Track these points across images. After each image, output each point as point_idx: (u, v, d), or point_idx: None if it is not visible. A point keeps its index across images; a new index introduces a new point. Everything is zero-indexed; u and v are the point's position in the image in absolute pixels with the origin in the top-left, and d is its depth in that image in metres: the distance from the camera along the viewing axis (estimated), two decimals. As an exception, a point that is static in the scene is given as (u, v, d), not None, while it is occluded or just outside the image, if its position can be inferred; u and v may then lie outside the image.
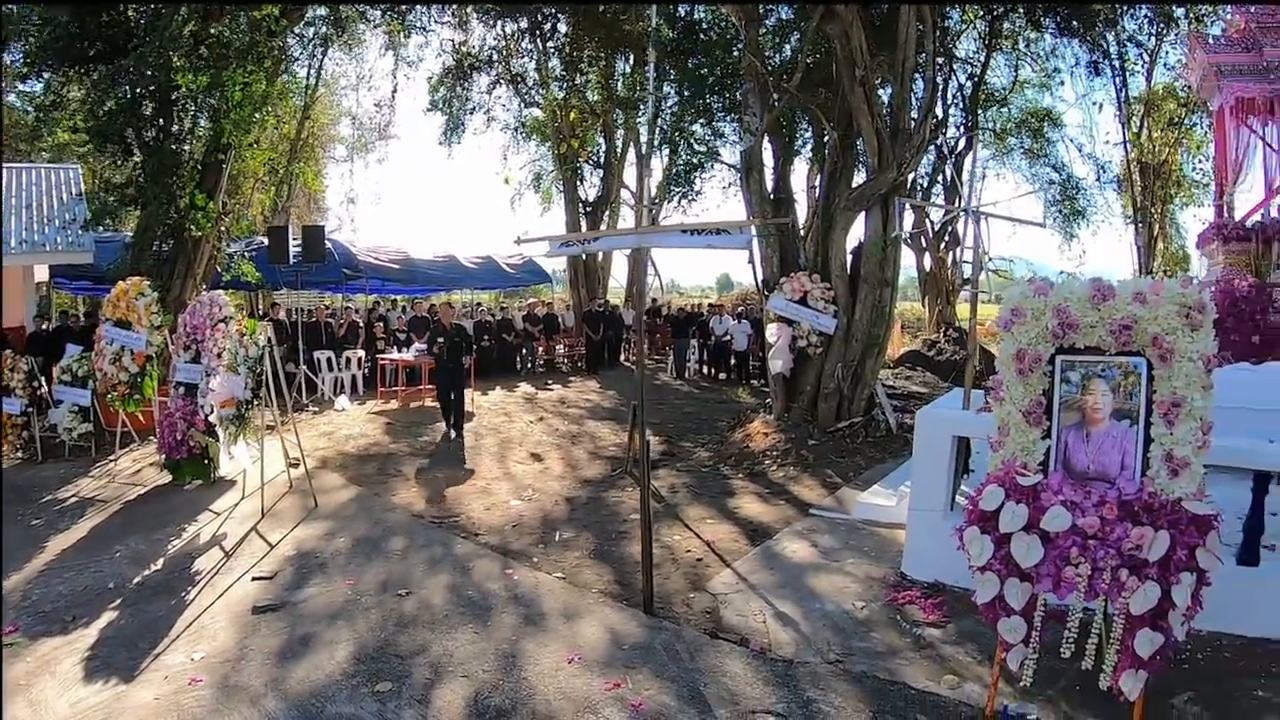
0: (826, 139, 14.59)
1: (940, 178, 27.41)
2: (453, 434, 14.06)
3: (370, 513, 10.11)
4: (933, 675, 6.02)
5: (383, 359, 18.56)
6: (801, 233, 15.30)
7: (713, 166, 18.70)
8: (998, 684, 5.68)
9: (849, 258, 14.57)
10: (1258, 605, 6.75)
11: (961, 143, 24.21)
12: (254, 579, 7.85)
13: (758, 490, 11.24)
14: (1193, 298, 5.19)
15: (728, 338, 22.82)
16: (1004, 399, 5.66)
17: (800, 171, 22.45)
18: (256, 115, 16.58)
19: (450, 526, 9.47)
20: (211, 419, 10.47)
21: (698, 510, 10.26)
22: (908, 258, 31.76)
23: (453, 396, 14.24)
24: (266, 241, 18.35)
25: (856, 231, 14.32)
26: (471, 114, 25.63)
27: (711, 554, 8.65)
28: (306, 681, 5.88)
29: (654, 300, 29.77)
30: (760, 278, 14.90)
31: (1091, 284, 5.41)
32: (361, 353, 19.23)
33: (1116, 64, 26.61)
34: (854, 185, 14.42)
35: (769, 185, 15.24)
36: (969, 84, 25.54)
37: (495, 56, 23.57)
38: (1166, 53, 26.74)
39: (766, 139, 15.37)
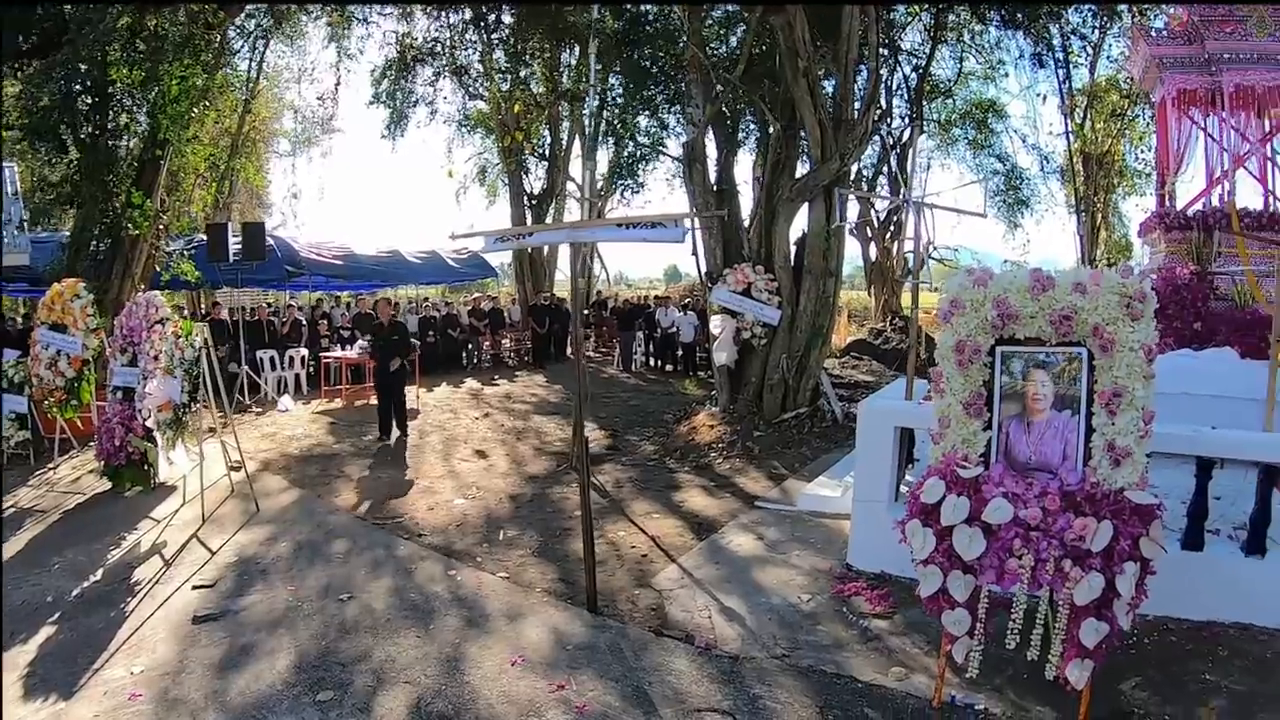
0: (770, 130, 14.52)
1: (885, 168, 27.54)
2: (394, 434, 13.75)
3: (313, 515, 9.88)
4: (880, 667, 6.00)
5: (326, 357, 18.27)
6: (745, 224, 15.16)
7: (657, 159, 18.59)
8: (944, 675, 5.65)
9: (792, 249, 14.60)
10: (1203, 589, 6.79)
11: (907, 134, 24.35)
12: (194, 588, 7.64)
13: (703, 483, 11.19)
14: (1133, 287, 5.16)
15: (674, 330, 22.80)
16: (944, 391, 5.61)
17: (745, 163, 22.44)
18: (195, 110, 16.20)
19: (393, 527, 9.31)
20: (149, 424, 10.16)
21: (643, 505, 10.21)
22: (854, 247, 32.14)
23: (392, 397, 13.88)
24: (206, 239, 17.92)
25: (800, 222, 14.36)
26: (414, 107, 25.30)
27: (657, 549, 8.59)
28: (247, 693, 5.73)
29: (599, 293, 29.62)
30: (704, 270, 14.80)
31: (1031, 274, 5.38)
32: (305, 351, 18.90)
33: (1060, 56, 26.81)
34: (797, 176, 14.42)
35: (712, 177, 15.21)
36: (914, 76, 25.66)
37: (439, 48, 23.22)
38: (1110, 46, 27.15)
39: (710, 131, 15.32)
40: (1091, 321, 5.16)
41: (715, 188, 14.90)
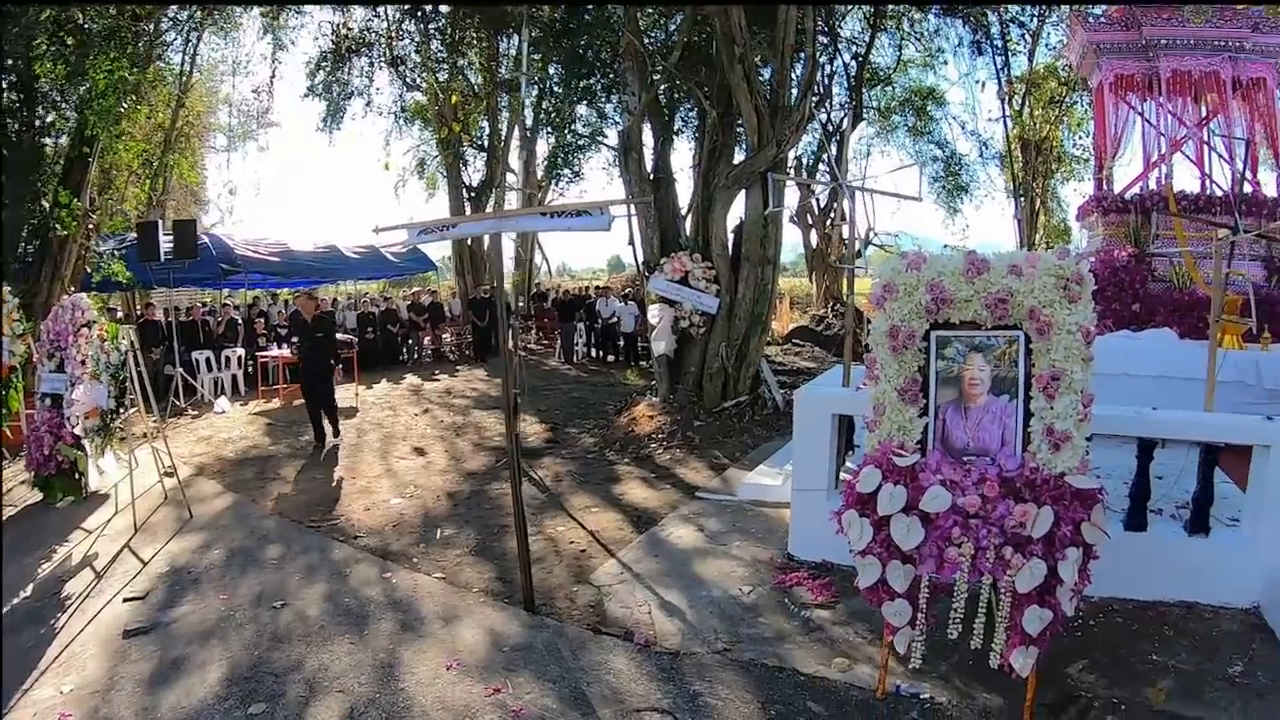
0: (706, 118, 14.33)
1: (825, 155, 27.42)
2: (328, 438, 13.13)
3: (247, 520, 9.55)
4: (823, 659, 5.90)
5: (263, 356, 17.82)
6: (683, 212, 14.98)
7: (595, 148, 18.36)
8: (888, 665, 5.57)
9: (730, 236, 14.43)
10: (1147, 570, 6.78)
11: (846, 121, 24.32)
12: (125, 600, 7.33)
13: (643, 475, 11.03)
14: (1070, 269, 5.06)
15: (615, 320, 22.63)
16: (879, 377, 5.48)
17: (684, 151, 22.23)
18: (124, 105, 15.66)
19: (329, 530, 9.04)
20: (78, 431, 9.79)
21: (582, 499, 10.02)
22: (795, 235, 32.19)
23: (319, 400, 13.17)
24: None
25: (738, 210, 14.00)
26: (350, 99, 24.81)
27: (596, 544, 8.43)
28: (179, 708, 5.51)
29: (539, 285, 29.31)
30: (641, 259, 14.60)
31: (966, 258, 5.26)
32: (241, 351, 18.42)
33: (999, 44, 26.95)
34: (735, 163, 14.25)
35: (648, 165, 14.99)
36: (854, 63, 25.61)
37: (375, 39, 22.79)
38: (1048, 34, 27.33)
39: (646, 119, 15.11)
40: (1028, 304, 5.05)
41: (651, 176, 14.68)
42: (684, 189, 15.88)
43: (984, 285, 5.15)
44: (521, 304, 27.70)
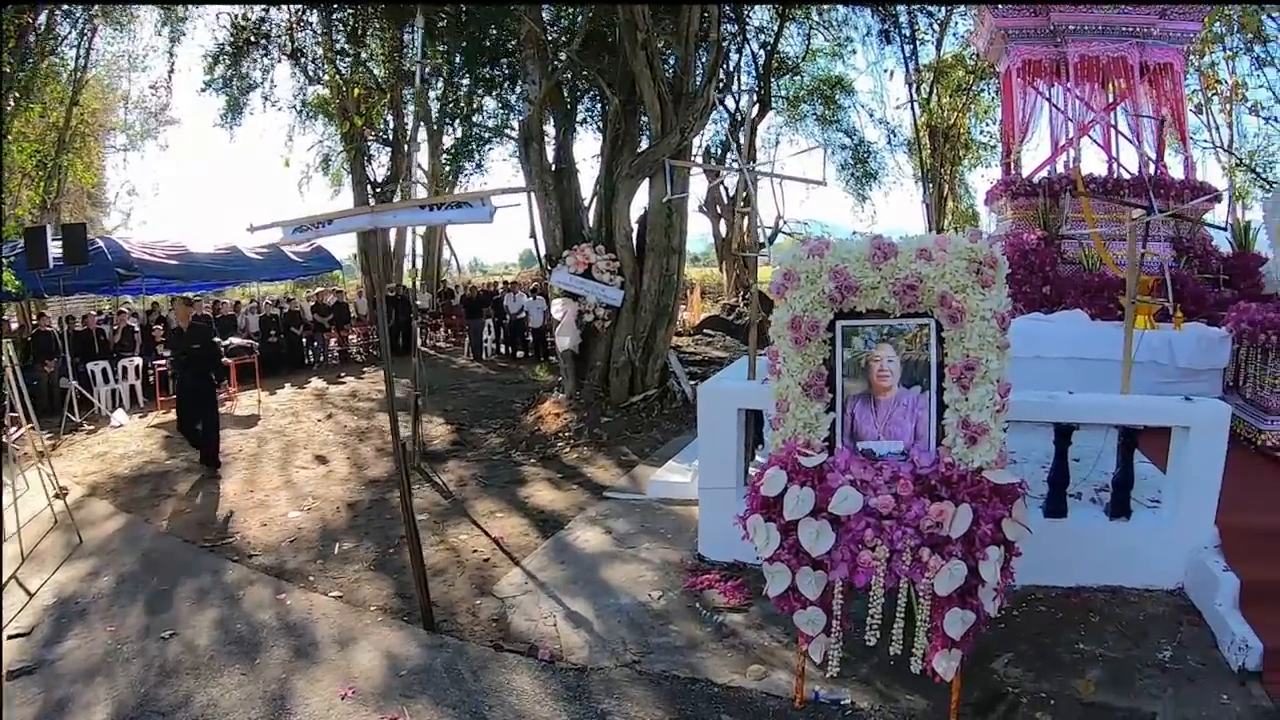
0: (609, 106, 13.84)
1: (735, 145, 27.02)
2: (206, 468, 11.42)
3: (139, 543, 8.81)
4: (737, 666, 5.62)
5: (162, 365, 16.79)
6: (586, 203, 14.42)
7: (500, 140, 17.75)
8: (805, 672, 5.23)
9: (634, 227, 13.96)
10: (1070, 556, 6.59)
11: (748, 107, 23.98)
12: (10, 637, 6.66)
13: (550, 475, 10.58)
14: (983, 252, 4.71)
15: (523, 315, 21.95)
16: (781, 371, 5.07)
17: (589, 141, 21.65)
18: (10, 104, 14.70)
19: (223, 549, 8.39)
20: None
21: (487, 503, 9.51)
22: (705, 224, 31.85)
23: (195, 418, 11.47)
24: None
25: (642, 200, 13.61)
26: (249, 94, 23.68)
27: (500, 552, 7.96)
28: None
29: (444, 282, 28.53)
30: (543, 252, 14.04)
31: (871, 242, 4.88)
32: (139, 360, 17.40)
33: (907, 33, 26.91)
34: (638, 152, 13.73)
35: (550, 156, 14.41)
36: (762, 52, 25.33)
37: (275, 31, 21.82)
38: (956, 22, 27.33)
39: (549, 108, 14.56)
40: (938, 290, 4.68)
41: (554, 167, 14.09)
42: (590, 179, 15.33)
43: (891, 271, 4.78)
44: (426, 301, 26.80)
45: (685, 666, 5.66)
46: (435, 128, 24.49)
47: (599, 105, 16.16)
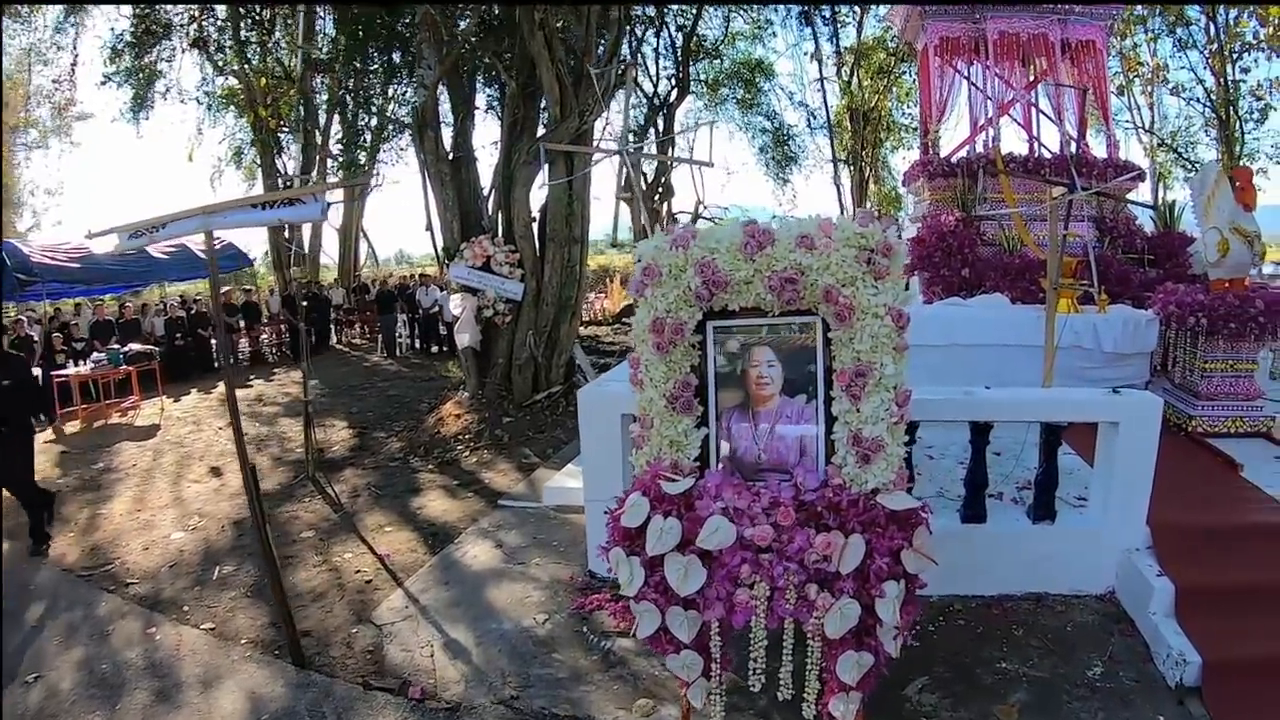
0: (507, 89, 12.76)
1: (653, 130, 26.07)
2: (30, 542, 8.31)
3: (15, 574, 7.70)
4: (624, 700, 5.01)
5: (58, 376, 15.29)
6: (485, 193, 13.35)
7: (399, 130, 16.61)
8: (690, 711, 4.43)
9: (535, 216, 12.85)
10: (990, 563, 5.90)
11: (674, 94, 23.07)
12: None
13: (447, 482, 9.67)
14: (875, 238, 3.85)
15: (436, 309, 20.65)
16: (643, 382, 4.16)
17: (492, 127, 20.37)
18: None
19: (100, 578, 7.45)
20: None
21: (378, 516, 8.65)
22: (623, 212, 30.79)
23: (9, 480, 8.32)
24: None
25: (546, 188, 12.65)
26: (151, 85, 22.22)
27: (384, 572, 7.17)
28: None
29: (358, 276, 27.19)
30: (440, 245, 12.95)
31: (744, 229, 3.98)
32: (38, 370, 15.96)
33: (827, 15, 26.17)
34: (537, 137, 12.57)
35: (448, 143, 13.30)
36: (680, 36, 24.35)
37: (179, 20, 20.32)
38: (876, 6, 26.61)
39: (446, 94, 13.47)
40: (822, 284, 3.82)
41: (451, 155, 12.99)
42: (491, 168, 14.17)
43: (767, 262, 3.90)
44: (340, 297, 25.32)
45: (566, 702, 5.03)
46: (350, 116, 23.16)
47: (498, 89, 15.01)
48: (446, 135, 13.45)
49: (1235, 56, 22.56)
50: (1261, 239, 8.01)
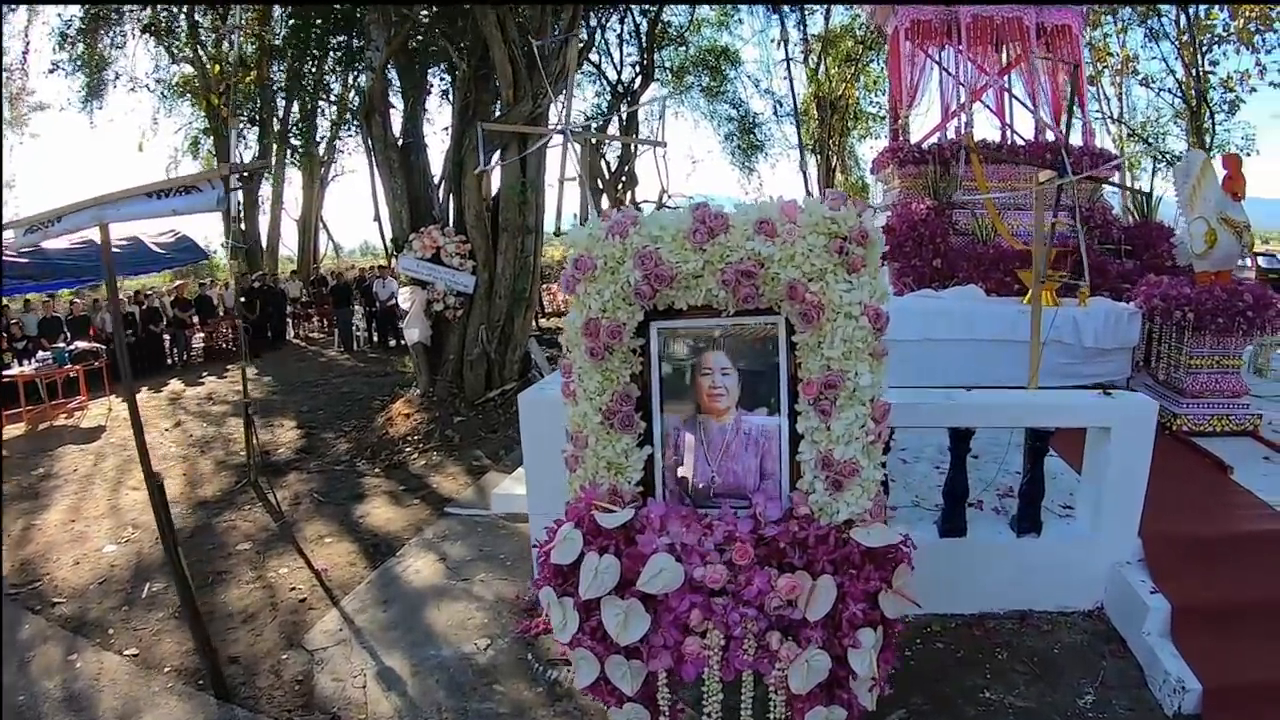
0: (458, 71, 11.92)
1: (616, 117, 25.22)
2: None
3: None
4: None
5: (4, 376, 14.27)
6: (436, 181, 12.49)
7: (350, 118, 15.72)
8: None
9: (488, 205, 11.89)
10: (972, 579, 5.32)
11: (638, 81, 22.25)
12: None
13: (392, 488, 8.98)
14: (848, 223, 3.18)
15: (393, 302, 19.30)
16: (576, 393, 3.48)
17: (446, 113, 19.36)
18: None
19: (27, 596, 6.86)
20: None
21: (319, 526, 7.95)
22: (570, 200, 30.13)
23: None
24: None
25: (497, 176, 11.85)
26: (102, 72, 21.16)
27: (321, 589, 6.52)
28: None
29: (315, 268, 26.17)
30: (390, 236, 12.12)
31: (693, 212, 3.29)
32: (-14, 373, 14.98)
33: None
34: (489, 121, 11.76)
35: (397, 129, 12.45)
36: (645, 22, 23.53)
37: (132, 6, 19.26)
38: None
39: (396, 78, 12.65)
40: (786, 278, 3.15)
41: (400, 141, 12.15)
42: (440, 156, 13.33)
43: (720, 253, 3.22)
44: (297, 290, 24.20)
45: (506, 742, 4.45)
46: (308, 105, 22.01)
47: (451, 72, 14.15)
48: (398, 121, 12.63)
49: (1205, 49, 22.15)
50: (1251, 230, 7.44)
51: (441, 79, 14.22)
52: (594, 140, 6.74)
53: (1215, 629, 4.69)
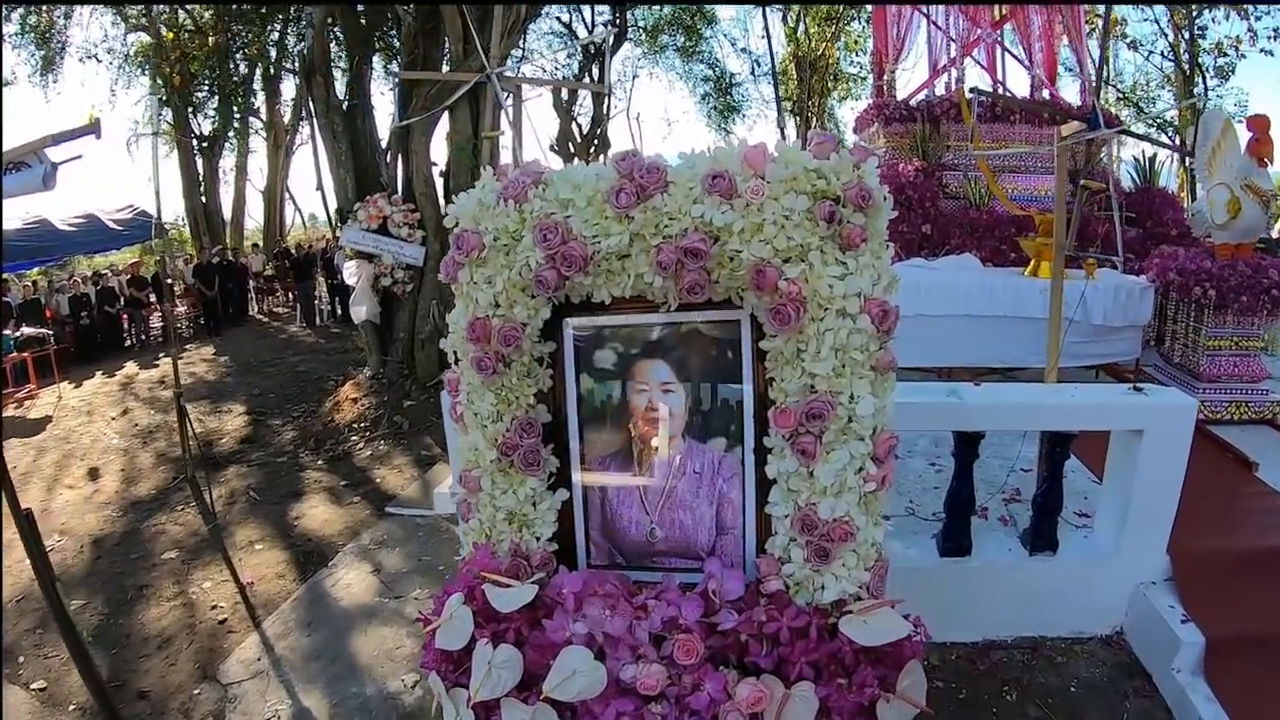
0: (403, 25, 10.62)
1: (588, 78, 23.72)
2: None
3: None
4: None
5: None
6: (385, 146, 11.17)
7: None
8: None
9: (438, 170, 10.65)
10: (976, 603, 4.38)
11: (609, 41, 20.86)
12: None
13: (333, 483, 7.95)
14: (841, 176, 2.16)
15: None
16: (465, 419, 2.45)
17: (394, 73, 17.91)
18: None
19: None
20: None
21: (251, 529, 7.00)
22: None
23: None
24: None
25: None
26: (49, 44, 19.61)
27: (245, 607, 5.72)
28: None
29: (279, 241, 24.57)
30: (334, 206, 10.86)
31: (617, 165, 2.22)
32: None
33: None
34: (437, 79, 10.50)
35: (341, 91, 11.14)
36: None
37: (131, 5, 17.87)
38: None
39: (340, 38, 11.39)
40: (750, 258, 2.10)
41: (345, 104, 10.86)
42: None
43: (656, 221, 2.17)
44: (260, 263, 22.72)
45: (430, 806, 3.78)
46: (271, 72, 20.53)
47: (397, 27, 12.75)
48: (344, 85, 11.38)
49: (1195, 14, 21.12)
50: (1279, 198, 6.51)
51: (390, 36, 12.93)
52: (522, 85, 5.78)
53: (1256, 665, 3.82)
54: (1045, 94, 10.52)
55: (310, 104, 10.24)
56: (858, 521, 2.17)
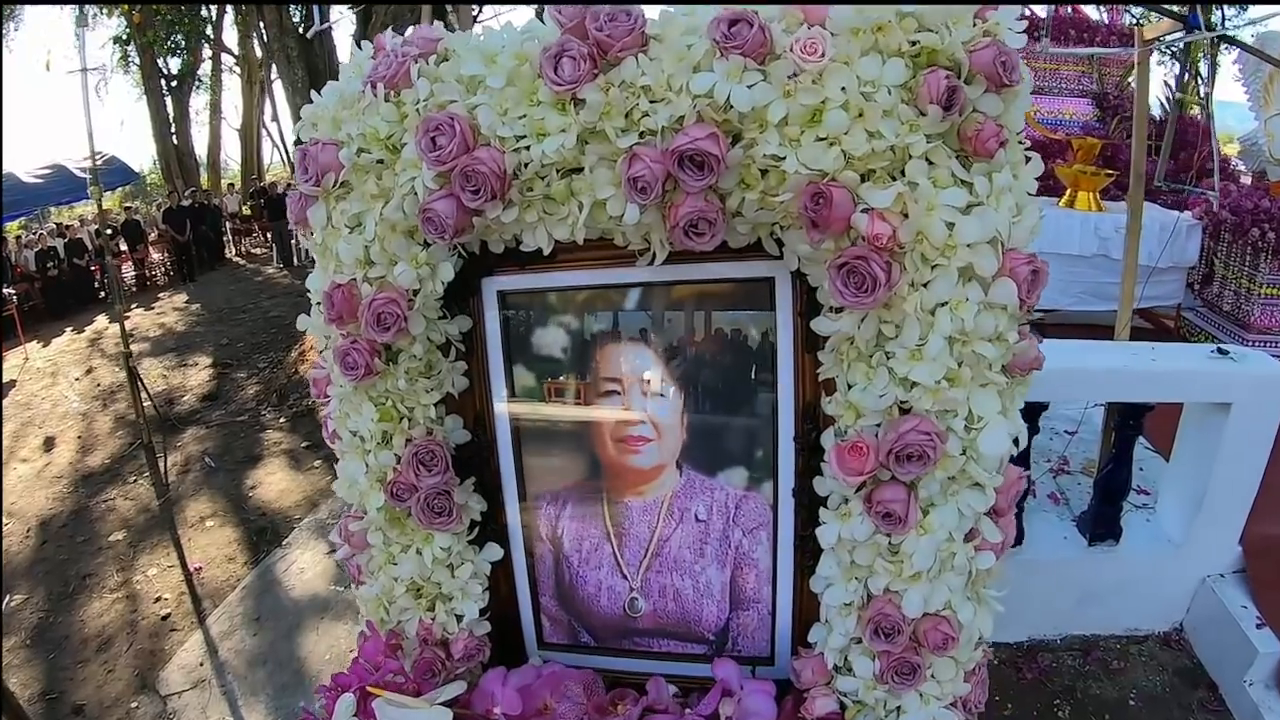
0: None
1: None
2: None
3: None
4: None
5: None
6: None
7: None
8: None
9: None
10: (1023, 599, 3.59)
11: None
12: None
13: (294, 445, 7.17)
14: (960, 34, 1.16)
15: None
16: (338, 439, 1.50)
17: None
18: None
19: None
20: None
21: (204, 503, 6.26)
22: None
23: None
24: None
25: None
26: None
27: (189, 598, 5.05)
28: None
29: (255, 180, 23.28)
30: (290, 140, 9.88)
31: (559, 14, 1.20)
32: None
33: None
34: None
35: (296, 15, 9.92)
36: None
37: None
38: None
39: None
40: (801, 170, 1.10)
41: (300, 27, 9.67)
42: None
43: (626, 103, 1.16)
44: (235, 204, 21.59)
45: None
46: (242, 8, 19.03)
47: None
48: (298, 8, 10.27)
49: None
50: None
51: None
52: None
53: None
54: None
55: (260, 27, 9.20)
56: (962, 614, 1.25)
